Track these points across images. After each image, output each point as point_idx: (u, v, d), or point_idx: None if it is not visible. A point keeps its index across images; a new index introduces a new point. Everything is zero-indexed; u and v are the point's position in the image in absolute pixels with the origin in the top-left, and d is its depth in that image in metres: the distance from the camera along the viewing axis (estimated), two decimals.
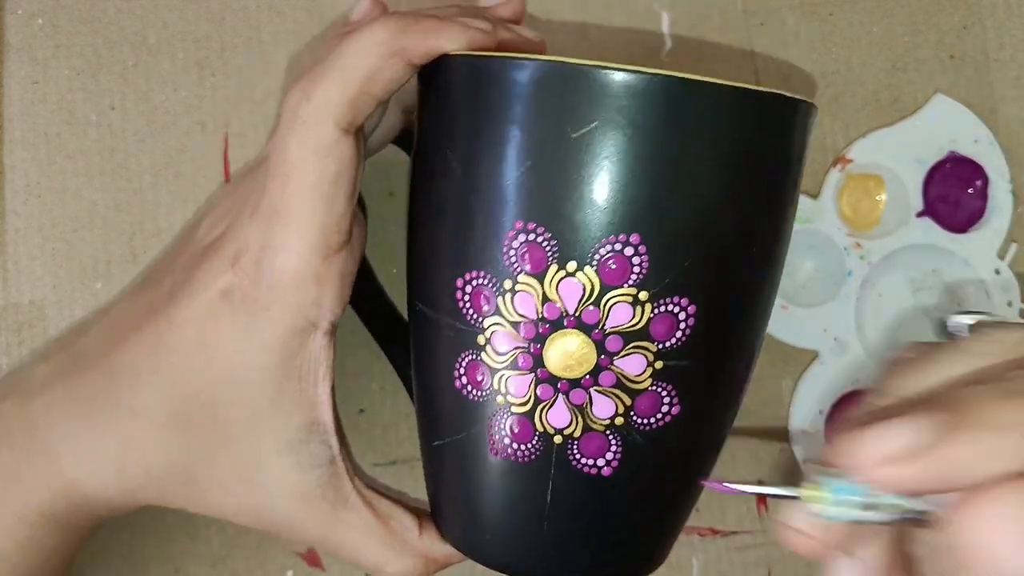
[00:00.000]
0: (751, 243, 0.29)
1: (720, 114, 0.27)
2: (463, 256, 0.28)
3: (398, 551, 0.32)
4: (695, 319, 0.27)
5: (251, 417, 0.30)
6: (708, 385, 0.29)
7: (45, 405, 0.31)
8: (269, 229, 0.29)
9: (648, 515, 0.31)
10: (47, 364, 0.33)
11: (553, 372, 0.28)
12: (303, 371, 0.30)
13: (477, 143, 0.28)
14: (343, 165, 0.28)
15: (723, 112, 0.27)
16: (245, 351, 0.29)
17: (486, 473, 0.29)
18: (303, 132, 0.28)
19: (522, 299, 0.27)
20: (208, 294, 0.30)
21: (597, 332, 0.27)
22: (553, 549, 0.30)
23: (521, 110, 0.27)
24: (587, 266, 0.27)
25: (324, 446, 0.31)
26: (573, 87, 0.26)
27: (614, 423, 0.28)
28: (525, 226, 0.27)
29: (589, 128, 0.26)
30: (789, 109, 0.28)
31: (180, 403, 0.30)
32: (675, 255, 0.27)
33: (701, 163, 0.27)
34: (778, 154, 0.29)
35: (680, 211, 0.27)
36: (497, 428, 0.29)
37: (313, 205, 0.28)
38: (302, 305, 0.29)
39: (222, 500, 0.31)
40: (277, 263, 0.29)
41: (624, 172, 0.26)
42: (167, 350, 0.30)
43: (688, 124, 0.27)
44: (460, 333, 0.28)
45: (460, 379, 0.29)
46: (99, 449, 0.30)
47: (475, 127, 0.28)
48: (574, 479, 0.28)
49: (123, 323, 0.32)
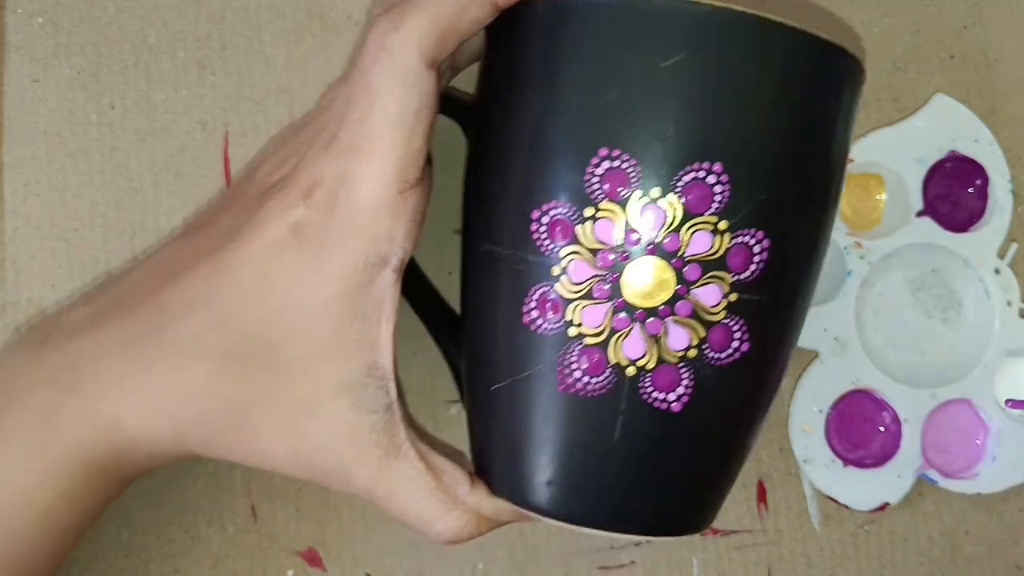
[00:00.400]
0: (818, 185, 0.30)
1: (802, 57, 0.28)
2: (541, 187, 0.28)
3: (448, 506, 0.31)
4: (768, 253, 0.28)
5: (310, 356, 0.29)
6: (774, 323, 0.30)
7: (91, 344, 0.30)
8: (348, 160, 0.29)
9: (711, 458, 0.31)
10: (87, 306, 0.32)
11: (630, 301, 0.28)
12: (367, 310, 0.30)
13: (562, 76, 0.28)
14: (425, 99, 0.29)
15: (805, 56, 0.29)
16: (311, 285, 0.29)
17: (551, 412, 0.29)
18: (388, 62, 0.28)
19: (603, 226, 0.28)
20: (276, 228, 0.29)
21: (677, 260, 0.28)
22: (615, 495, 0.29)
23: (611, 42, 0.28)
24: (670, 193, 0.27)
25: (382, 391, 0.30)
26: (665, 19, 0.27)
27: (687, 355, 0.28)
28: (610, 152, 0.27)
29: (678, 58, 0.27)
30: (852, 65, 0.30)
31: (237, 339, 0.29)
32: (753, 187, 0.28)
33: (781, 100, 0.28)
34: (844, 105, 0.30)
35: (760, 144, 0.28)
36: (567, 362, 0.29)
37: (394, 136, 0.28)
38: (376, 237, 0.29)
39: (272, 444, 0.30)
40: (354, 194, 0.29)
41: (709, 102, 0.27)
42: (227, 285, 0.30)
43: (774, 62, 0.28)
44: (532, 266, 0.29)
45: (530, 313, 0.29)
46: (147, 387, 0.30)
47: (560, 62, 0.28)
48: (644, 414, 0.29)
49: (173, 263, 0.31)
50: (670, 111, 0.27)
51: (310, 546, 0.39)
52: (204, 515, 0.39)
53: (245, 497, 0.39)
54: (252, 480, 0.39)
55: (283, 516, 0.39)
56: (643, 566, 0.40)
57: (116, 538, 0.38)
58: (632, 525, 0.30)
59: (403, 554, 0.39)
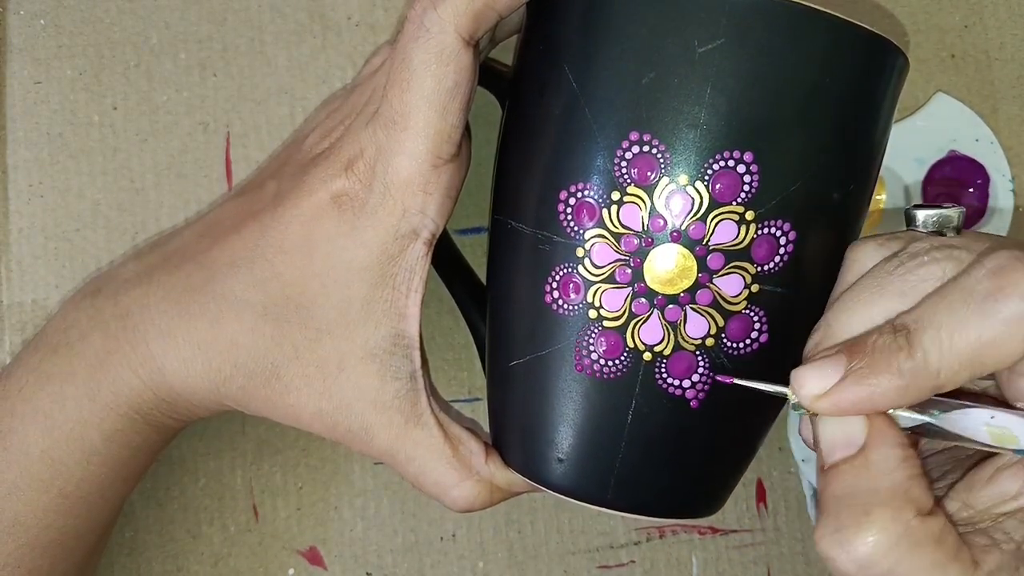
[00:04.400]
0: (851, 180, 0.29)
1: (846, 49, 0.28)
2: (570, 167, 0.29)
3: (463, 475, 0.32)
4: (794, 246, 0.28)
5: (341, 320, 0.31)
6: (795, 316, 0.29)
7: (140, 295, 0.32)
8: (386, 134, 0.30)
9: (722, 446, 0.31)
10: (139, 262, 0.34)
11: (652, 286, 0.28)
12: (397, 280, 0.31)
13: (598, 56, 0.28)
14: (461, 75, 0.29)
15: (849, 48, 0.28)
16: (347, 252, 0.31)
17: (567, 391, 0.30)
18: (426, 39, 0.29)
19: (629, 211, 0.28)
20: (318, 196, 0.31)
21: (700, 248, 0.28)
22: (624, 476, 0.30)
23: (650, 24, 0.27)
24: (698, 180, 0.27)
25: (406, 360, 0.32)
26: (704, 5, 0.27)
27: (704, 343, 0.28)
28: (641, 137, 0.28)
29: (716, 44, 0.27)
30: (897, 57, 0.30)
31: (275, 297, 0.31)
32: (784, 178, 0.28)
33: (820, 92, 0.28)
34: (885, 99, 0.30)
35: (794, 135, 0.28)
36: (585, 343, 0.29)
37: (429, 112, 0.29)
38: (408, 210, 0.30)
39: (300, 402, 0.32)
40: (390, 168, 0.30)
41: (745, 90, 0.27)
42: (268, 246, 0.31)
43: (811, 52, 0.28)
44: (557, 246, 0.29)
45: (551, 293, 0.29)
46: (188, 339, 0.31)
47: (598, 40, 0.28)
48: (658, 400, 0.29)
49: (222, 223, 0.33)
50: (704, 97, 0.27)
51: (311, 545, 0.39)
52: (206, 514, 0.39)
53: (247, 496, 0.39)
54: (254, 479, 0.39)
55: (284, 515, 0.39)
56: (642, 565, 0.40)
57: (119, 536, 0.38)
58: (638, 507, 0.31)
59: (404, 553, 0.40)
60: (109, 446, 0.32)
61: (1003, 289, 0.24)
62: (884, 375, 0.25)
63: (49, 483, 0.31)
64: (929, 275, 0.26)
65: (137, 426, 0.32)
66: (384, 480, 0.40)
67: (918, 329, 0.25)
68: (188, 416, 0.33)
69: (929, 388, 0.25)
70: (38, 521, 0.31)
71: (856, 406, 0.25)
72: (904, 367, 0.25)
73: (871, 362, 0.25)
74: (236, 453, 0.39)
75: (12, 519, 0.31)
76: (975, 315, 0.24)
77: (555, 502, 0.40)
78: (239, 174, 0.40)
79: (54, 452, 0.31)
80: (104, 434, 0.32)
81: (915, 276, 0.26)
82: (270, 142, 0.40)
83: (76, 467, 0.31)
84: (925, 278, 0.26)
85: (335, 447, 0.40)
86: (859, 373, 0.25)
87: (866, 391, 0.25)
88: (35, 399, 0.31)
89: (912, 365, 0.24)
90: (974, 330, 0.24)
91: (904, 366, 0.25)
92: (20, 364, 0.32)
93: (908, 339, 0.25)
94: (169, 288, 0.32)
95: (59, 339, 0.32)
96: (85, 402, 0.31)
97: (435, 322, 0.40)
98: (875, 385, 0.25)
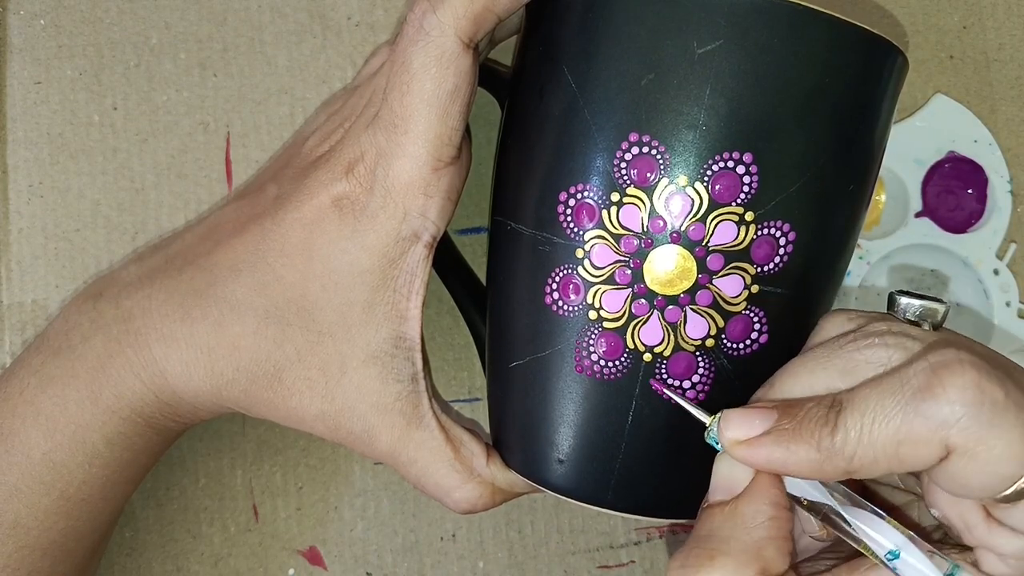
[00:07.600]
0: (851, 180, 0.29)
1: (847, 50, 0.28)
2: (569, 169, 0.29)
3: (465, 477, 0.33)
4: (793, 247, 0.28)
5: (342, 322, 0.31)
6: (795, 317, 0.29)
7: (142, 298, 0.32)
8: (386, 137, 0.30)
9: None
10: (140, 265, 0.34)
11: (651, 287, 0.28)
12: (398, 282, 0.31)
13: (598, 57, 0.28)
14: (461, 79, 0.29)
15: (849, 48, 0.28)
16: (348, 254, 0.31)
17: (566, 392, 0.30)
18: (426, 43, 0.29)
19: (628, 212, 0.28)
20: (319, 200, 0.31)
21: (700, 249, 0.28)
22: (624, 477, 0.30)
23: (650, 25, 0.27)
24: (698, 181, 0.27)
25: (408, 362, 0.32)
26: (703, 5, 0.27)
27: (704, 344, 0.28)
28: (640, 138, 0.28)
29: (715, 45, 0.27)
30: (896, 58, 0.30)
31: (276, 301, 0.31)
32: (783, 179, 0.28)
33: (820, 93, 0.28)
34: (885, 99, 0.30)
35: (793, 136, 0.28)
36: (585, 344, 0.29)
37: (429, 115, 0.29)
38: (409, 213, 0.30)
39: (302, 404, 0.32)
40: (391, 171, 0.30)
41: (744, 91, 0.27)
42: (270, 250, 0.31)
43: (810, 53, 0.28)
44: (557, 247, 0.29)
45: (551, 294, 0.29)
46: (190, 342, 0.31)
47: (598, 42, 0.28)
48: (658, 400, 0.29)
49: (223, 227, 0.33)
50: (703, 98, 0.27)
51: (311, 545, 0.39)
52: (206, 514, 0.39)
53: (247, 496, 0.39)
54: (254, 479, 0.39)
55: (284, 515, 0.39)
56: (642, 565, 0.40)
57: (119, 537, 0.38)
58: (638, 507, 0.31)
59: (404, 553, 0.40)
60: (111, 449, 0.32)
61: (932, 389, 0.23)
62: (803, 444, 0.25)
63: (50, 485, 0.31)
64: (875, 358, 0.26)
65: (139, 429, 0.32)
66: (384, 480, 0.40)
67: (844, 410, 0.25)
68: (190, 419, 0.33)
69: (841, 471, 0.25)
70: (39, 523, 0.31)
71: (768, 464, 0.26)
72: (823, 443, 0.25)
73: (796, 428, 0.25)
74: (236, 453, 0.39)
75: (13, 521, 0.31)
76: (900, 409, 0.24)
77: (555, 502, 0.40)
78: (239, 174, 0.40)
79: (56, 454, 0.31)
80: (106, 437, 0.32)
81: (861, 356, 0.26)
82: (270, 142, 0.40)
83: (78, 469, 0.31)
84: (870, 360, 0.26)
85: (335, 447, 0.40)
86: (781, 433, 0.25)
87: (780, 454, 0.25)
88: (37, 401, 0.31)
89: (829, 443, 0.24)
90: (894, 424, 0.24)
91: (823, 442, 0.25)
92: (22, 366, 0.33)
93: (836, 417, 0.25)
94: (171, 291, 0.32)
95: (61, 342, 0.32)
96: (87, 405, 0.31)
97: (435, 322, 0.40)
98: (792, 452, 0.25)
